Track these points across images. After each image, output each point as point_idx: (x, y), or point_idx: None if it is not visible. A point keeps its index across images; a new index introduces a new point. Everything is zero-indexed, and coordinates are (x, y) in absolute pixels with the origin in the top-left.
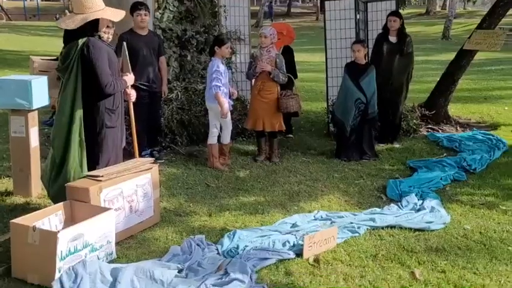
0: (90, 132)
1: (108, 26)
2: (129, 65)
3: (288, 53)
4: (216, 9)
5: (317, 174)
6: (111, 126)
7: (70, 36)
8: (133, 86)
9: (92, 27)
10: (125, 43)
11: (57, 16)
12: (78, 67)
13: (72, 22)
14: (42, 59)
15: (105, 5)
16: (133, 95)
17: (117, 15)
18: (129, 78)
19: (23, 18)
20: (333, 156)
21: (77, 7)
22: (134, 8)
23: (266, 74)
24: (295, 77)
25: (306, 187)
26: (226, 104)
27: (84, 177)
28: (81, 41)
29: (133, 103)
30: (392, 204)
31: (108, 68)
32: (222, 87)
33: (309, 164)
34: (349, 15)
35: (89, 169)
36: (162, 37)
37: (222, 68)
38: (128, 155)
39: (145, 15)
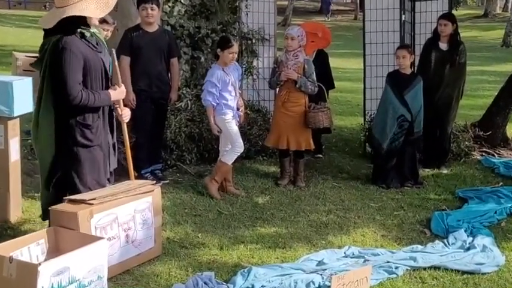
0: (61, 149)
1: (105, 21)
2: (119, 76)
3: (321, 59)
4: (237, 4)
5: (349, 202)
6: (86, 145)
7: (51, 32)
8: (134, 91)
9: (74, 22)
10: (113, 50)
11: (47, 5)
12: (47, 69)
13: (52, 17)
14: (27, 56)
15: None
16: (126, 115)
17: (101, 8)
18: (117, 92)
19: (6, 6)
20: (369, 182)
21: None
22: (140, 1)
23: (292, 83)
24: (331, 86)
25: (336, 218)
26: (212, 118)
27: (70, 200)
28: (54, 38)
29: (133, 109)
30: (437, 241)
31: (77, 75)
32: (210, 100)
33: (340, 190)
34: (393, 15)
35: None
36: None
37: (220, 77)
38: (126, 174)
39: (152, 9)
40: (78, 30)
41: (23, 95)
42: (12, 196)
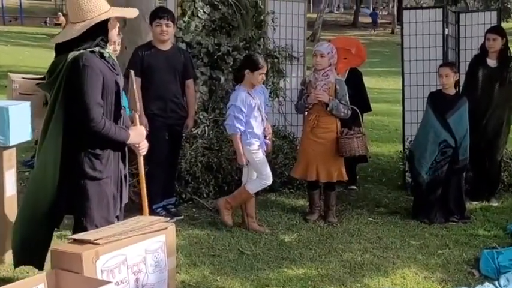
0: (67, 180)
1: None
2: (138, 102)
3: (355, 78)
4: (262, 17)
5: (388, 240)
6: (95, 177)
7: (64, 48)
8: (146, 116)
9: (98, 35)
10: (132, 72)
11: (48, 21)
12: (61, 90)
13: (73, 32)
14: (24, 78)
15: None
16: (143, 146)
17: (129, 11)
18: (137, 134)
19: (0, 22)
20: (409, 217)
21: (74, 13)
22: (154, 16)
23: (322, 106)
24: (367, 109)
25: (372, 257)
26: (240, 147)
27: (73, 240)
28: (71, 55)
29: (145, 136)
30: (487, 284)
31: (98, 97)
32: (238, 127)
33: (377, 227)
34: (435, 29)
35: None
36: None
37: (245, 100)
38: (137, 209)
39: (167, 25)
40: (97, 48)
41: (20, 122)
42: (8, 236)
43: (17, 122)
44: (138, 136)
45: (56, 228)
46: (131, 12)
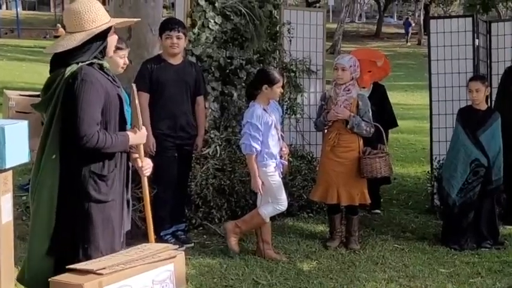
0: (67, 204)
1: (119, 48)
2: (140, 116)
3: (379, 93)
4: (277, 28)
5: (415, 268)
6: (100, 200)
7: (60, 62)
8: (154, 135)
9: (97, 47)
10: (134, 85)
11: (47, 34)
12: (58, 106)
13: (71, 42)
14: (21, 95)
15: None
16: (147, 167)
17: (132, 20)
18: (137, 135)
19: None
20: (438, 243)
21: (73, 23)
22: (164, 28)
23: (343, 123)
24: (392, 125)
25: (398, 287)
26: (256, 169)
27: (74, 270)
28: (69, 70)
29: (153, 157)
30: None
31: (96, 113)
32: (254, 146)
33: (403, 254)
34: (464, 39)
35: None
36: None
37: (262, 117)
38: (143, 235)
39: (178, 37)
40: (95, 60)
41: (17, 143)
42: (4, 265)
43: (14, 143)
44: (139, 137)
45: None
46: (133, 20)
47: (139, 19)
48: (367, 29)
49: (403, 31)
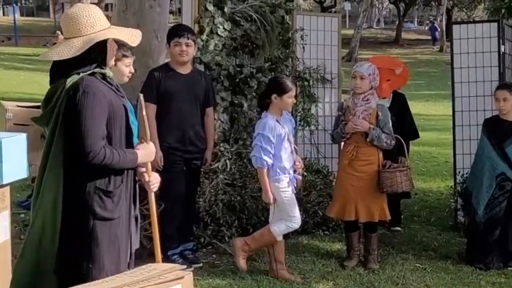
0: (71, 223)
1: (124, 55)
2: (147, 129)
3: (398, 102)
4: (290, 35)
5: None
6: (106, 218)
7: (60, 72)
8: (161, 149)
9: (97, 56)
10: (141, 95)
11: (46, 42)
12: (60, 119)
13: (69, 49)
14: (19, 106)
15: (120, 26)
16: (154, 182)
17: (133, 36)
18: (146, 152)
19: None
20: (462, 262)
21: (71, 28)
22: (172, 34)
23: (361, 135)
24: (415, 135)
25: None
26: (267, 183)
27: None
28: (70, 81)
29: (159, 171)
30: None
31: (101, 127)
32: (266, 160)
33: (425, 273)
34: (489, 46)
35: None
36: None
37: (274, 129)
38: (149, 255)
39: (187, 45)
40: (97, 69)
41: (15, 157)
42: (0, 286)
43: (11, 157)
44: (148, 155)
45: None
46: (134, 38)
47: (140, 39)
48: (386, 35)
49: (424, 37)
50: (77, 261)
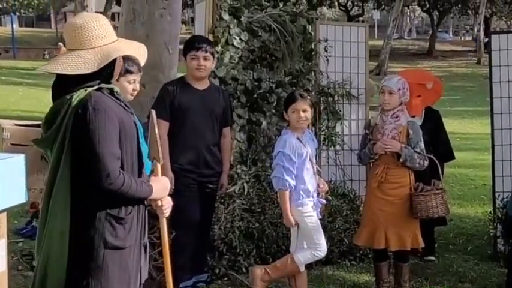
0: (79, 253)
1: (128, 70)
2: (160, 148)
3: (431, 120)
4: (312, 46)
5: None
6: (117, 247)
7: (64, 87)
8: (173, 171)
9: (105, 71)
10: (154, 112)
11: (45, 53)
12: (67, 140)
13: (83, 62)
14: (17, 125)
15: (129, 39)
16: (167, 206)
17: (140, 51)
18: (162, 186)
19: None
20: None
21: (79, 39)
22: (189, 47)
23: (392, 156)
24: (450, 157)
25: None
26: (288, 206)
27: None
28: (76, 97)
29: (171, 195)
30: None
31: (115, 148)
32: (288, 181)
33: None
34: None
35: None
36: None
37: (296, 147)
38: (159, 287)
39: (205, 58)
40: (103, 84)
41: (12, 180)
42: None
43: (8, 181)
44: (163, 190)
45: None
46: (142, 54)
47: (146, 56)
48: (418, 46)
49: (459, 48)
50: None
